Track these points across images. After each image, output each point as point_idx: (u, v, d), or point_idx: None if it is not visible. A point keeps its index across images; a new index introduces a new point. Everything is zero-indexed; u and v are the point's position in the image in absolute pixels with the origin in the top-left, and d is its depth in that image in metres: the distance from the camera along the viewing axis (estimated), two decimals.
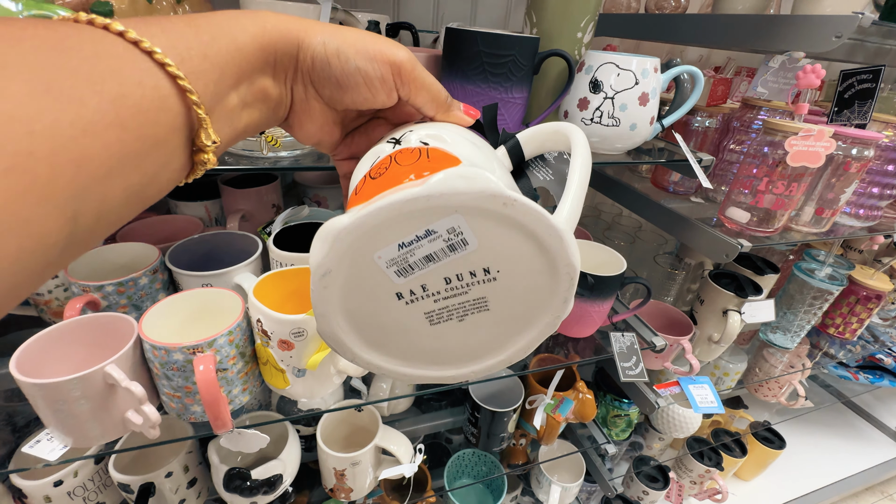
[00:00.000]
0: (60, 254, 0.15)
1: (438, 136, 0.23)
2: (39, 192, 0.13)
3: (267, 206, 0.71)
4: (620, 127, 0.49)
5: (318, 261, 0.19)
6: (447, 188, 0.17)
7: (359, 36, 0.23)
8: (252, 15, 0.21)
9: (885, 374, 1.26)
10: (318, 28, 0.22)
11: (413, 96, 0.24)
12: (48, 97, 0.13)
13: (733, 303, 0.77)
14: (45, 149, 0.13)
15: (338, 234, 0.18)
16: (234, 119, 0.21)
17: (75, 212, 0.15)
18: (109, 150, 0.15)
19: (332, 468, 0.63)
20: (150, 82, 0.16)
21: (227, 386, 0.46)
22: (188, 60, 0.18)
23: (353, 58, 0.22)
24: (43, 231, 0.14)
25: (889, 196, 0.68)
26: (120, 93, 0.15)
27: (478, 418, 0.75)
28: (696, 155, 0.57)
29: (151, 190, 0.18)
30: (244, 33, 0.20)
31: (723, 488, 1.08)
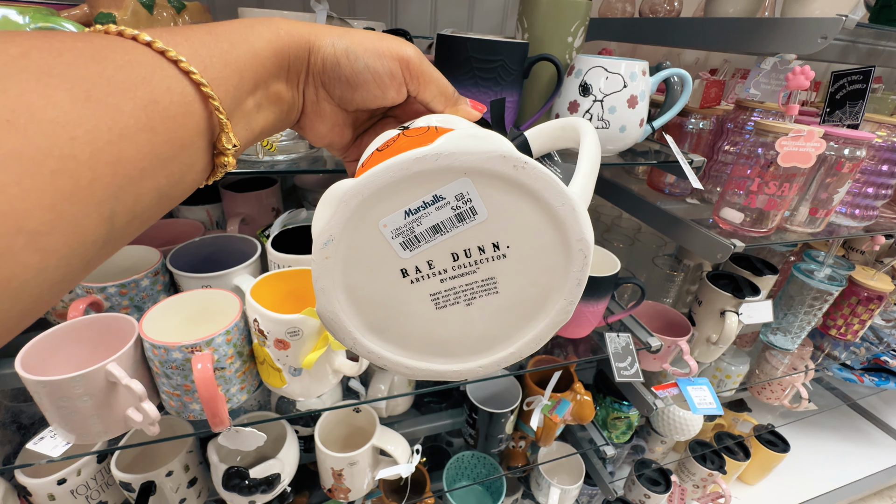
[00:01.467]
0: (99, 251, 0.16)
1: (447, 121, 0.24)
2: (82, 193, 0.14)
3: (267, 210, 0.72)
4: (610, 129, 0.50)
5: (321, 227, 0.18)
6: (457, 147, 0.17)
7: (366, 35, 0.24)
8: (266, 22, 0.22)
9: (890, 376, 1.25)
10: (327, 30, 0.23)
11: (422, 91, 0.25)
12: (88, 104, 0.14)
13: (731, 304, 0.77)
14: (87, 152, 0.14)
15: (342, 196, 0.18)
16: (251, 122, 0.22)
17: (112, 211, 0.16)
18: (142, 152, 0.16)
19: (329, 468, 0.64)
20: (178, 88, 0.18)
21: (225, 385, 0.47)
22: (210, 68, 0.19)
23: (361, 56, 0.23)
24: (86, 229, 0.15)
25: (884, 196, 0.68)
26: (151, 99, 0.17)
27: (476, 419, 0.75)
28: (688, 156, 0.57)
29: (178, 190, 0.19)
30: (260, 40, 0.21)
31: (726, 492, 1.07)
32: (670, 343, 0.76)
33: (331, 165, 0.50)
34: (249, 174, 0.41)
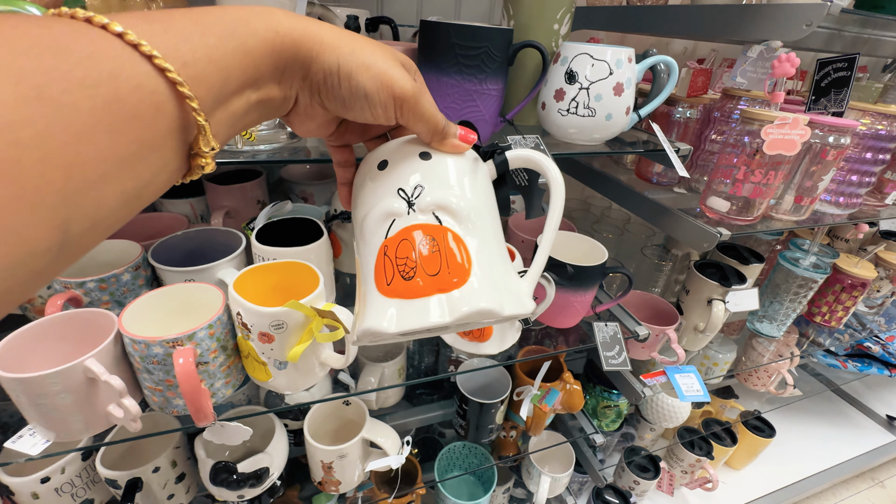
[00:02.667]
0: (54, 260, 0.15)
1: (447, 207, 0.25)
2: (27, 200, 0.13)
3: (252, 203, 0.71)
4: (596, 117, 0.50)
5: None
6: (466, 321, 0.24)
7: (373, 58, 0.22)
8: (264, 15, 0.20)
9: (873, 361, 1.27)
10: (334, 42, 0.22)
11: (411, 125, 0.25)
12: (38, 102, 0.13)
13: (717, 292, 0.77)
14: (33, 157, 0.13)
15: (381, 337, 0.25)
16: (235, 122, 0.21)
17: (66, 218, 0.15)
18: (103, 155, 0.15)
19: (319, 461, 0.63)
20: (149, 86, 0.16)
21: (209, 379, 0.46)
22: (191, 64, 0.17)
23: (363, 83, 0.22)
24: (34, 238, 0.14)
25: (868, 183, 0.69)
26: (115, 97, 0.15)
27: (466, 410, 0.76)
28: (674, 144, 0.57)
29: (147, 192, 0.18)
30: (254, 37, 0.19)
31: (713, 477, 1.09)
32: (658, 332, 0.77)
33: (315, 155, 0.49)
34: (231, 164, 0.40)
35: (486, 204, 0.27)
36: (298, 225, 0.62)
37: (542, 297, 0.57)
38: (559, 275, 0.55)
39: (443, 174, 0.26)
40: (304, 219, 0.62)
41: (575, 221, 1.13)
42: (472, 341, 0.59)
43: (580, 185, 1.22)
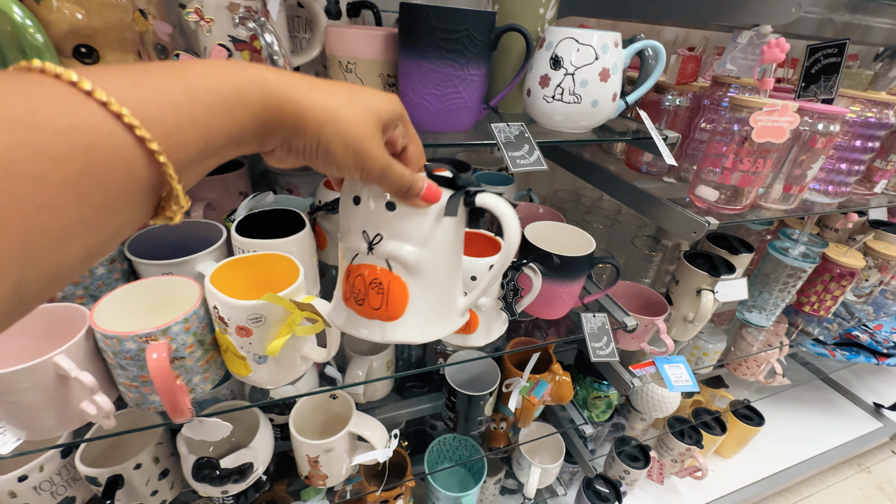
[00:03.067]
0: (6, 317, 0.15)
1: (399, 259, 0.30)
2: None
3: (234, 194, 0.69)
4: (582, 104, 0.49)
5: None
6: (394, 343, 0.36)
7: (352, 134, 0.23)
8: (256, 84, 0.20)
9: (861, 350, 1.29)
10: (319, 117, 0.22)
11: (376, 184, 0.27)
12: (4, 177, 0.13)
13: (706, 282, 0.77)
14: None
15: None
16: (207, 170, 0.21)
17: (21, 281, 0.14)
18: (67, 221, 0.15)
19: (305, 455, 0.63)
20: (125, 154, 0.16)
21: (187, 374, 0.45)
22: (174, 133, 0.17)
23: (338, 157, 0.24)
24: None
25: (857, 172, 0.68)
26: (89, 168, 0.15)
27: (455, 403, 0.75)
28: (662, 132, 0.56)
29: (111, 246, 0.18)
30: (244, 109, 0.20)
31: (702, 465, 1.10)
32: (647, 322, 0.77)
33: None
34: None
35: (441, 249, 0.31)
36: (281, 217, 0.61)
37: (528, 289, 0.56)
38: (545, 265, 0.54)
39: (402, 228, 0.29)
40: (287, 210, 0.61)
41: (566, 212, 1.12)
42: (457, 333, 0.58)
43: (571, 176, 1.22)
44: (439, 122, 0.47)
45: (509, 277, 0.54)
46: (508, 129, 0.47)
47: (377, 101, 0.25)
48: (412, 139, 0.29)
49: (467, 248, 0.59)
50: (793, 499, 1.35)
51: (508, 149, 0.46)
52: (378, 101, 0.25)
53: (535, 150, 0.47)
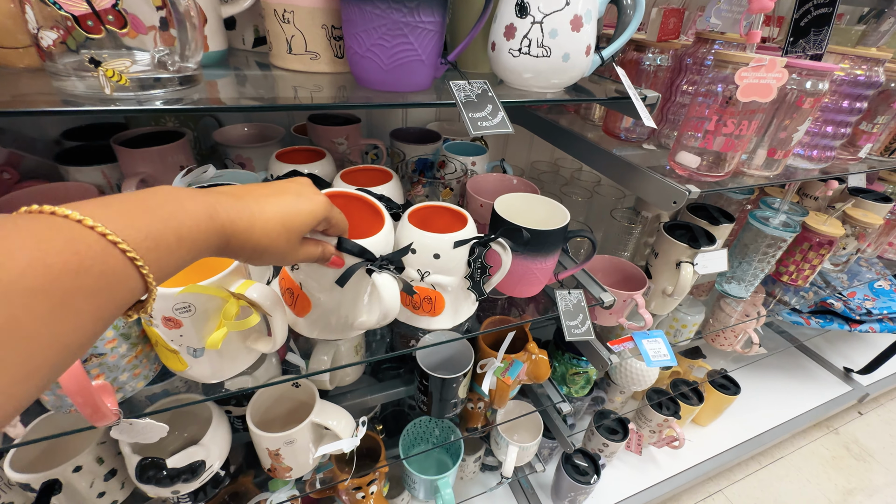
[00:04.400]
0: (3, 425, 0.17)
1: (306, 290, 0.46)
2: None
3: (174, 169, 0.62)
4: (552, 58, 0.43)
5: None
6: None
7: (280, 256, 0.32)
8: (211, 221, 0.26)
9: (834, 317, 1.30)
10: (257, 247, 0.29)
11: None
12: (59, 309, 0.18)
13: (686, 254, 0.74)
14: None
15: None
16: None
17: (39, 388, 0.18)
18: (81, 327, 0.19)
19: (265, 449, 0.59)
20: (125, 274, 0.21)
21: (110, 372, 0.40)
22: (154, 259, 0.22)
23: (268, 262, 0.32)
24: None
25: (842, 135, 0.65)
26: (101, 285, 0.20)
27: (427, 386, 0.72)
28: (641, 92, 0.52)
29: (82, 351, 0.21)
30: (206, 243, 0.26)
31: (680, 435, 1.11)
32: (626, 297, 0.74)
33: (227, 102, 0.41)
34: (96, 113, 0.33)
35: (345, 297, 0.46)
36: None
37: (497, 266, 0.52)
38: (515, 241, 0.49)
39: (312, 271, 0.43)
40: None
41: (543, 184, 1.08)
42: (422, 315, 0.54)
43: (549, 146, 1.16)
44: (391, 80, 0.41)
45: (476, 254, 0.49)
46: (469, 88, 0.42)
47: (302, 218, 0.31)
48: (334, 226, 0.36)
49: (432, 224, 0.55)
50: (765, 461, 1.40)
51: (468, 109, 0.40)
52: (303, 217, 0.31)
53: (500, 111, 0.41)
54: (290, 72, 0.48)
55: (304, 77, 0.47)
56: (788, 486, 1.33)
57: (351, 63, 0.42)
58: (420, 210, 0.53)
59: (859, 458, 1.43)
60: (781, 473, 1.37)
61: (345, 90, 0.46)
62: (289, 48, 0.46)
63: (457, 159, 0.75)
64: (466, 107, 0.40)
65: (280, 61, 0.47)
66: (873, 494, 1.33)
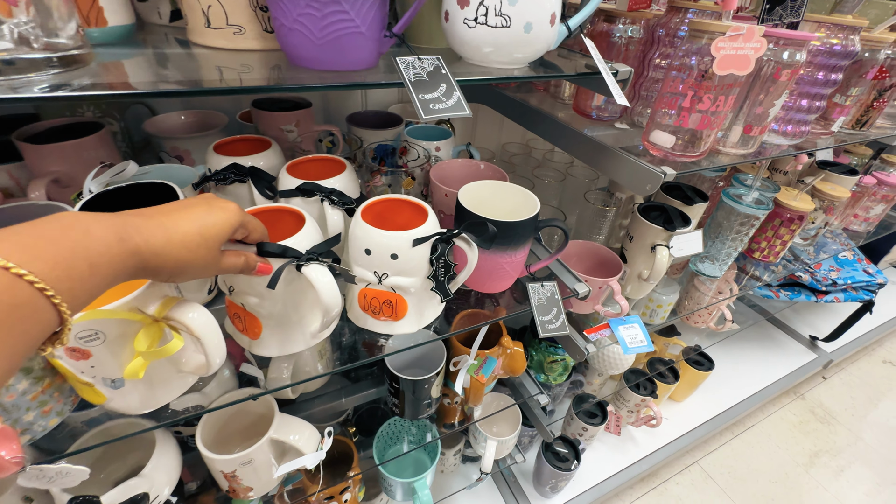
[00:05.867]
0: None
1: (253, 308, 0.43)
2: None
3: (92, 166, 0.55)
4: (512, 28, 0.38)
5: None
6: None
7: (199, 270, 0.31)
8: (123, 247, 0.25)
9: (802, 289, 1.33)
10: (174, 268, 0.29)
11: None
12: None
13: (661, 237, 0.72)
14: None
15: None
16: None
17: None
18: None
19: (219, 471, 0.54)
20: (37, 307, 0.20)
21: (8, 413, 0.34)
22: (67, 289, 0.22)
23: (188, 279, 0.31)
24: None
25: (818, 109, 0.62)
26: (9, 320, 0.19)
27: (398, 388, 0.68)
28: (612, 66, 0.47)
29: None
30: (125, 271, 0.26)
31: (657, 414, 1.12)
32: (601, 284, 0.71)
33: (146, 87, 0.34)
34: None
35: (278, 297, 0.42)
36: (151, 192, 0.48)
37: (462, 264, 0.47)
38: (481, 234, 0.45)
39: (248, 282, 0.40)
40: (157, 184, 0.48)
41: (515, 167, 1.03)
42: (384, 320, 0.49)
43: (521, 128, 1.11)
44: (326, 57, 0.35)
45: (438, 252, 0.45)
46: (419, 65, 0.36)
47: (218, 228, 0.31)
48: (252, 230, 0.35)
49: (390, 220, 0.50)
50: (738, 431, 1.44)
51: (419, 90, 0.35)
52: (219, 227, 0.31)
53: (455, 92, 0.36)
54: (211, 49, 0.41)
55: (229, 55, 0.41)
56: (760, 453, 1.37)
57: (279, 37, 0.36)
58: (375, 205, 0.48)
59: (824, 421, 1.50)
60: (753, 441, 1.41)
61: (279, 70, 0.40)
62: (206, 21, 0.39)
63: (420, 145, 0.69)
64: (416, 87, 0.35)
65: (199, 37, 0.41)
66: (837, 455, 1.39)
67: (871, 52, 0.64)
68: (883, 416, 1.53)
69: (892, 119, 0.83)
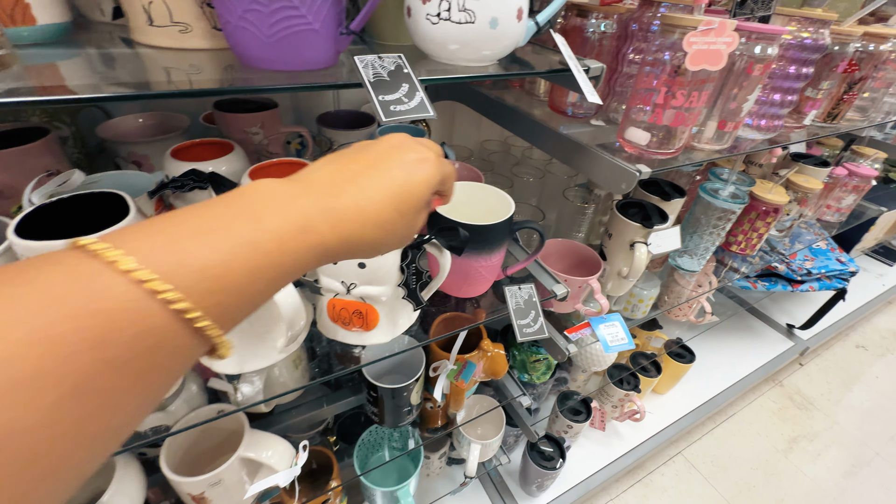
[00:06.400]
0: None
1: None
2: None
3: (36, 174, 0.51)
4: (477, 24, 0.36)
5: None
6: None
7: (400, 244, 0.25)
8: (310, 249, 0.20)
9: (779, 279, 1.35)
10: (371, 251, 0.24)
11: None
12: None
13: (640, 234, 0.71)
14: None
15: None
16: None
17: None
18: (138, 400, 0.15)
19: (187, 494, 0.51)
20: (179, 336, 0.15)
21: None
22: (230, 316, 0.17)
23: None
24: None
25: (790, 103, 0.62)
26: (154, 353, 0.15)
27: (376, 397, 0.66)
28: (583, 63, 0.46)
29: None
30: (298, 268, 0.20)
31: (640, 408, 1.13)
32: (581, 283, 0.70)
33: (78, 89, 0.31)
34: None
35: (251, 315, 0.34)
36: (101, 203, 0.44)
37: (435, 270, 0.45)
38: (453, 239, 0.43)
39: None
40: (107, 193, 0.45)
41: (493, 165, 1.02)
42: (355, 331, 0.47)
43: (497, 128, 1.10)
44: (277, 56, 0.33)
45: (409, 259, 0.43)
46: (380, 64, 0.34)
47: (417, 199, 0.24)
48: (449, 188, 0.28)
49: None
50: (720, 420, 1.46)
51: (379, 90, 0.33)
52: (419, 196, 0.24)
53: (418, 92, 0.34)
54: (157, 49, 0.38)
55: (177, 55, 0.38)
56: (741, 441, 1.40)
57: (227, 36, 0.34)
58: None
59: (801, 407, 1.53)
60: (734, 429, 1.43)
61: (232, 71, 0.37)
62: (149, 19, 0.36)
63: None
64: (376, 88, 0.33)
65: (142, 36, 0.38)
66: (814, 439, 1.43)
67: (840, 46, 0.64)
68: (857, 399, 1.57)
69: (862, 111, 0.84)
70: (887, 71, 0.75)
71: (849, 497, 1.27)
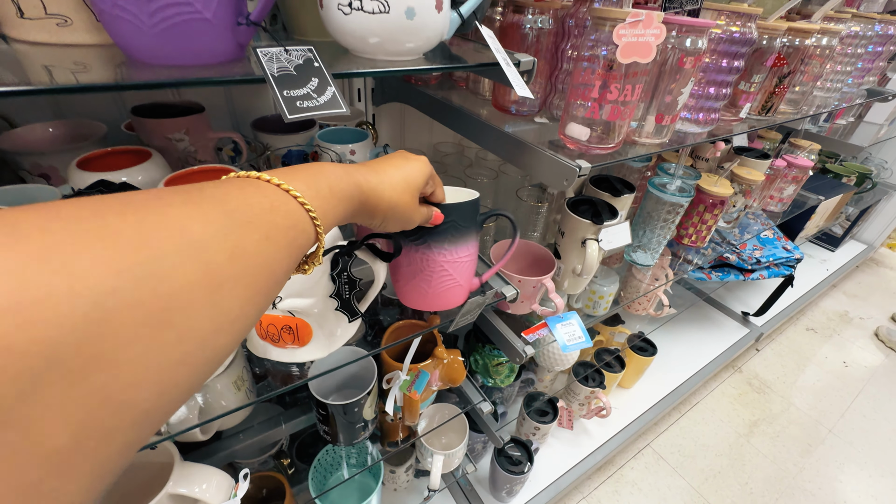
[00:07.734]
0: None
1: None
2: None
3: None
4: (392, 14, 0.34)
5: None
6: None
7: (405, 213, 0.34)
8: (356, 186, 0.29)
9: (731, 269, 1.40)
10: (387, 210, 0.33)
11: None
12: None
13: (590, 231, 0.71)
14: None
15: None
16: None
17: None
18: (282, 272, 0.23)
19: None
20: (305, 227, 0.23)
21: None
22: (322, 214, 0.25)
23: (391, 227, 0.35)
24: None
25: (724, 96, 0.64)
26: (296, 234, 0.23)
27: (326, 414, 0.62)
28: (514, 57, 0.44)
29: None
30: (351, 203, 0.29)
31: (606, 404, 1.13)
32: (535, 283, 0.69)
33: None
34: None
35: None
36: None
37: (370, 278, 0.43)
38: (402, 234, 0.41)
39: None
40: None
41: (447, 168, 1.00)
42: (287, 348, 0.44)
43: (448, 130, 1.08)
44: (164, 48, 0.30)
45: (340, 268, 0.40)
46: (286, 57, 0.31)
47: (416, 175, 0.34)
48: (437, 186, 0.39)
49: None
50: (684, 409, 1.49)
51: (283, 85, 0.30)
52: (417, 174, 0.34)
53: (330, 87, 0.32)
54: (33, 45, 0.34)
55: (58, 51, 0.34)
56: (705, 428, 1.43)
57: (105, 27, 0.30)
58: None
59: (759, 391, 1.59)
60: (698, 418, 1.47)
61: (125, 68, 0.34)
62: (18, 10, 0.32)
63: (332, 149, 0.64)
64: (280, 83, 0.30)
65: (13, 30, 0.33)
66: (773, 422, 1.48)
67: (768, 40, 0.66)
68: (809, 380, 1.65)
69: (794, 104, 0.87)
70: (813, 65, 0.79)
71: (807, 475, 1.32)
